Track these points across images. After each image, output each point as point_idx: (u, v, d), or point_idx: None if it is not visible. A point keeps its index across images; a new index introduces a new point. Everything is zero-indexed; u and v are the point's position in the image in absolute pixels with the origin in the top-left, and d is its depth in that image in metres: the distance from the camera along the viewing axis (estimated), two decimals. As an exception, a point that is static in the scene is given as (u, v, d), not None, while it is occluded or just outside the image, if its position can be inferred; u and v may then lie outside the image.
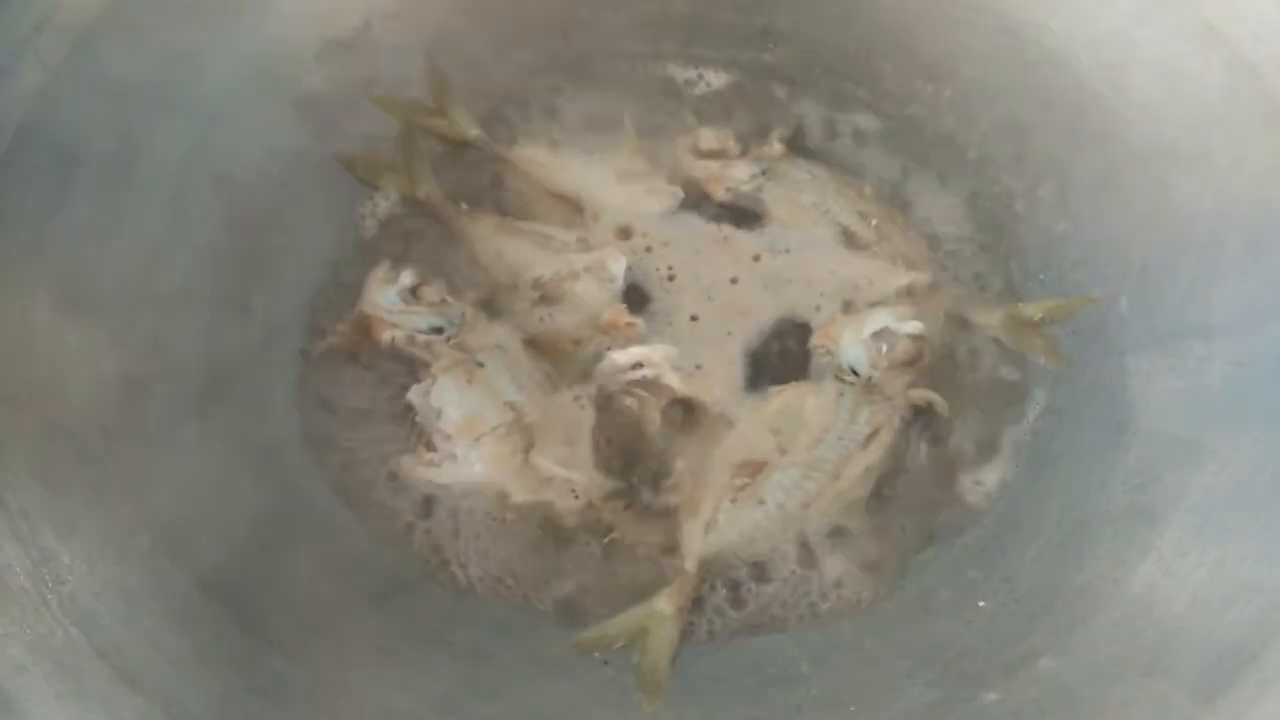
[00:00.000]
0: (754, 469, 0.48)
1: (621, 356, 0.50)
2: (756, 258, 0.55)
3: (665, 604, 0.44)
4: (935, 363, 0.52)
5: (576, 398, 0.50)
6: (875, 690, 0.41)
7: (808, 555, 0.47)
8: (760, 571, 0.47)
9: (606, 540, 0.47)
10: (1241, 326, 0.46)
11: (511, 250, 0.54)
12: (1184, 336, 0.47)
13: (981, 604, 0.44)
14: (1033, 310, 0.53)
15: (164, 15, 0.49)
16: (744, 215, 0.57)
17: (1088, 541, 0.44)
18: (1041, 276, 0.54)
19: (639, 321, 0.52)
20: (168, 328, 0.47)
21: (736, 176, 0.57)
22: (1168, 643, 0.38)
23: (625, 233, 0.55)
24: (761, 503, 0.47)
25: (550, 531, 0.48)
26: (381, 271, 0.52)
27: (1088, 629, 0.40)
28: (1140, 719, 0.36)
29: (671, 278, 0.54)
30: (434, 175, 0.56)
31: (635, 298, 0.53)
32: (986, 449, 0.50)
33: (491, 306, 0.53)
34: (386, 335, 0.50)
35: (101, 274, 0.45)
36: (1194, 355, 0.46)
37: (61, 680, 0.33)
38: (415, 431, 0.49)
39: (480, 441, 0.48)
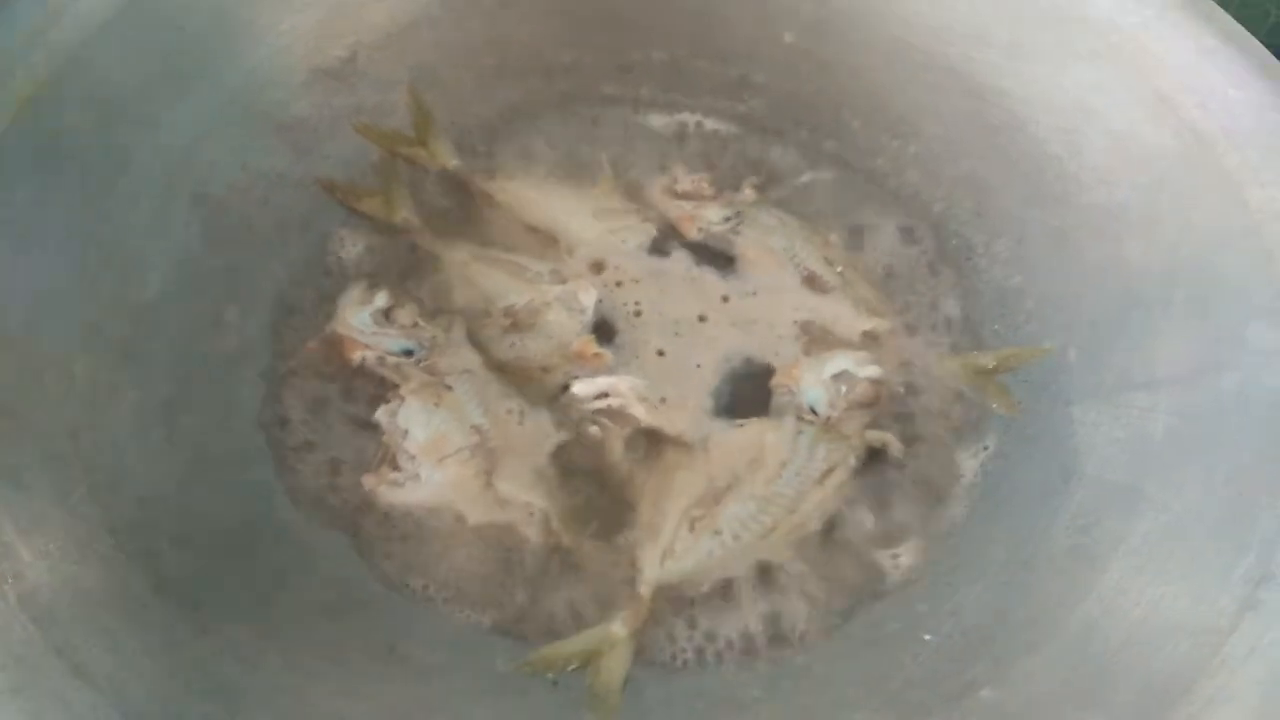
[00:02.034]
0: (712, 500, 0.49)
1: (588, 386, 0.51)
2: (725, 298, 0.57)
3: (619, 628, 0.45)
4: (891, 406, 0.54)
5: (538, 423, 0.51)
6: (822, 716, 0.42)
7: (761, 585, 0.48)
8: (714, 600, 0.48)
9: (564, 563, 0.48)
10: (1184, 381, 0.47)
11: (485, 278, 0.56)
12: (1129, 388, 0.49)
13: (928, 637, 0.45)
14: (987, 359, 0.55)
15: (154, 37, 0.50)
16: (715, 256, 0.58)
17: (1032, 580, 0.45)
18: (996, 327, 0.56)
19: (606, 352, 0.53)
20: (140, 336, 0.47)
21: (709, 218, 0.58)
22: (1103, 677, 0.39)
23: (598, 266, 0.57)
24: (718, 533, 0.48)
25: (508, 553, 0.48)
26: (356, 293, 0.53)
27: (1028, 663, 0.41)
28: (1074, 750, 0.37)
29: (639, 313, 0.55)
30: (412, 202, 0.57)
31: (604, 330, 0.55)
32: (937, 490, 0.52)
33: (462, 332, 0.54)
34: (357, 355, 0.51)
35: (79, 280, 0.45)
36: (1138, 406, 0.48)
37: (17, 673, 0.33)
38: (380, 450, 0.49)
39: (444, 463, 0.48)
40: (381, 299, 0.53)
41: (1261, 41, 0.50)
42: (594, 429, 0.51)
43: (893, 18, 0.57)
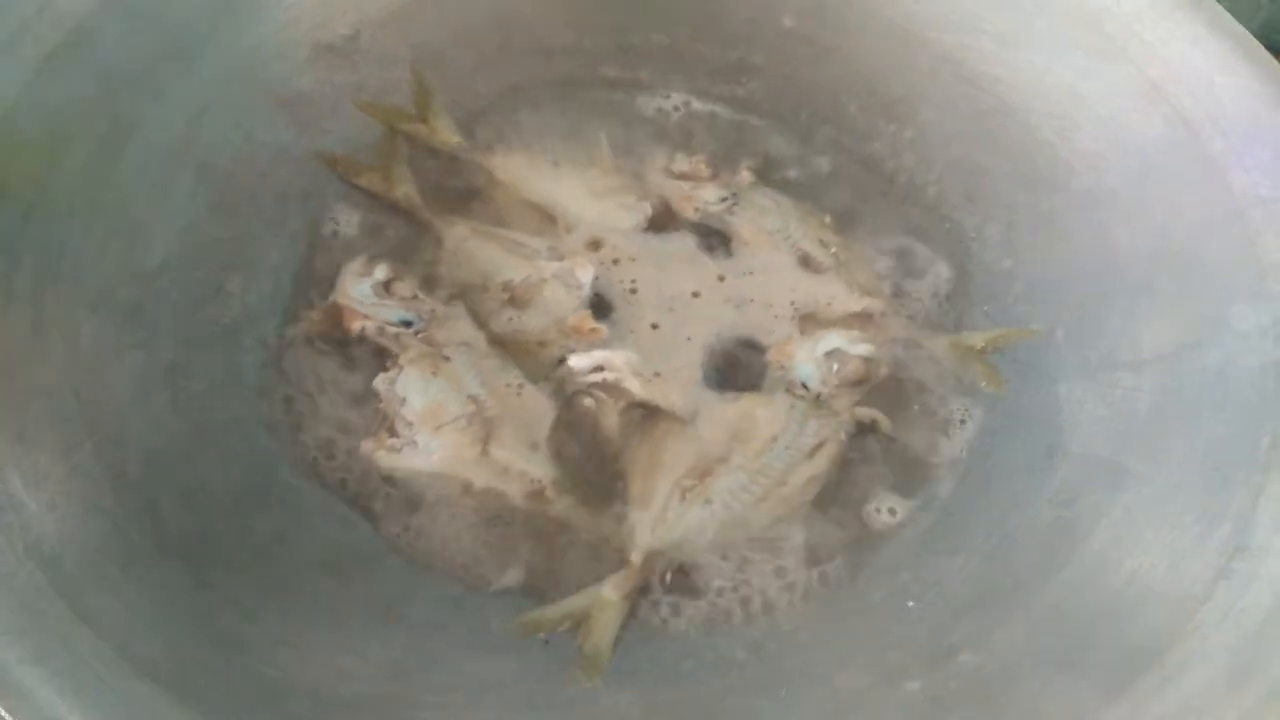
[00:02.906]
0: (704, 471, 0.50)
1: (584, 359, 0.52)
2: (721, 277, 0.57)
3: (610, 591, 0.46)
4: (882, 383, 0.55)
5: (535, 394, 0.52)
6: (805, 676, 0.43)
7: (749, 554, 0.49)
8: (702, 566, 0.49)
9: (558, 529, 0.49)
10: (1167, 361, 0.48)
11: (484, 254, 0.56)
12: (1114, 368, 0.50)
13: (911, 604, 0.46)
14: (977, 339, 0.56)
15: (162, 9, 0.51)
16: (711, 236, 0.59)
17: (1014, 551, 0.46)
18: (986, 308, 0.57)
19: (602, 327, 0.54)
20: (145, 302, 0.48)
21: (705, 199, 0.59)
22: (1080, 642, 0.41)
23: (595, 244, 0.58)
24: (709, 502, 0.49)
25: (504, 518, 0.49)
26: (357, 265, 0.54)
27: (1008, 629, 0.42)
28: (1050, 708, 0.38)
29: (634, 290, 0.56)
30: (412, 178, 0.58)
31: (600, 306, 0.55)
32: (924, 464, 0.53)
33: (461, 305, 0.55)
34: (357, 325, 0.52)
35: (85, 246, 0.46)
36: (1122, 385, 0.49)
37: (24, 616, 0.34)
38: (379, 417, 0.50)
39: (441, 430, 0.49)
40: (381, 272, 0.54)
41: (1254, 34, 0.51)
42: (589, 401, 0.52)
43: (889, 4, 0.58)
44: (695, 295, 0.56)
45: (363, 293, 0.53)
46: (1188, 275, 0.49)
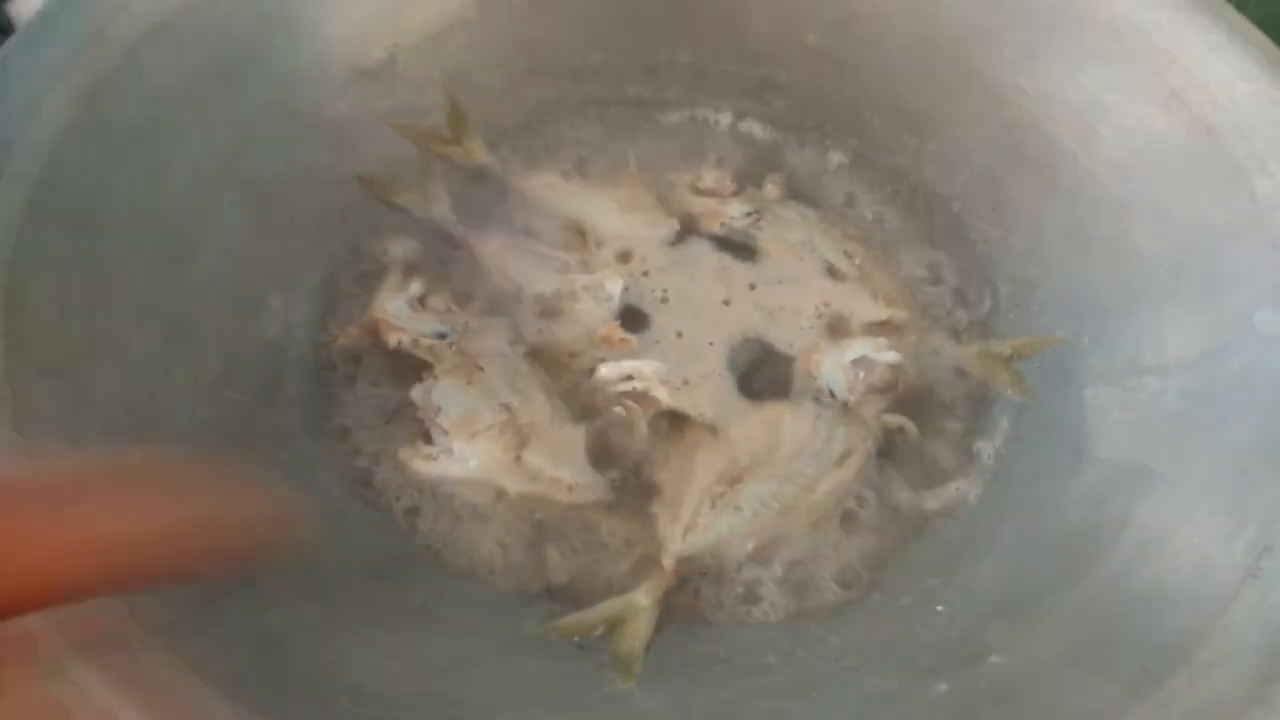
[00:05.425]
0: (733, 478, 0.51)
1: (614, 369, 0.53)
2: (752, 286, 0.59)
3: (642, 596, 0.47)
4: (909, 390, 0.55)
5: (566, 403, 0.53)
6: (836, 680, 0.44)
7: (779, 560, 0.50)
8: (733, 572, 0.49)
9: (589, 535, 0.50)
10: (1192, 364, 0.48)
11: (515, 268, 0.58)
12: (1140, 372, 0.50)
13: (939, 608, 0.46)
14: (1003, 347, 0.56)
15: (206, 38, 0.52)
16: (737, 249, 0.60)
17: (1042, 555, 0.47)
18: (1011, 316, 0.58)
19: (632, 338, 0.55)
20: (191, 317, 0.49)
21: (731, 213, 0.60)
22: (1107, 644, 0.41)
23: (624, 257, 0.59)
24: (738, 509, 0.50)
25: (537, 524, 0.50)
26: (393, 280, 0.56)
27: (1035, 631, 0.43)
28: (1076, 707, 0.38)
29: (665, 300, 0.57)
30: (447, 197, 0.60)
31: (630, 317, 0.57)
32: (952, 471, 0.53)
33: (494, 318, 0.56)
34: (394, 338, 0.54)
35: (135, 262, 0.47)
36: (1148, 390, 0.49)
37: (79, 613, 0.35)
38: (415, 426, 0.52)
39: (476, 438, 0.50)
40: (416, 287, 0.55)
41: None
42: (619, 410, 0.53)
43: (912, 19, 0.59)
44: (725, 304, 0.57)
45: (398, 307, 0.54)
46: (1212, 281, 0.49)
